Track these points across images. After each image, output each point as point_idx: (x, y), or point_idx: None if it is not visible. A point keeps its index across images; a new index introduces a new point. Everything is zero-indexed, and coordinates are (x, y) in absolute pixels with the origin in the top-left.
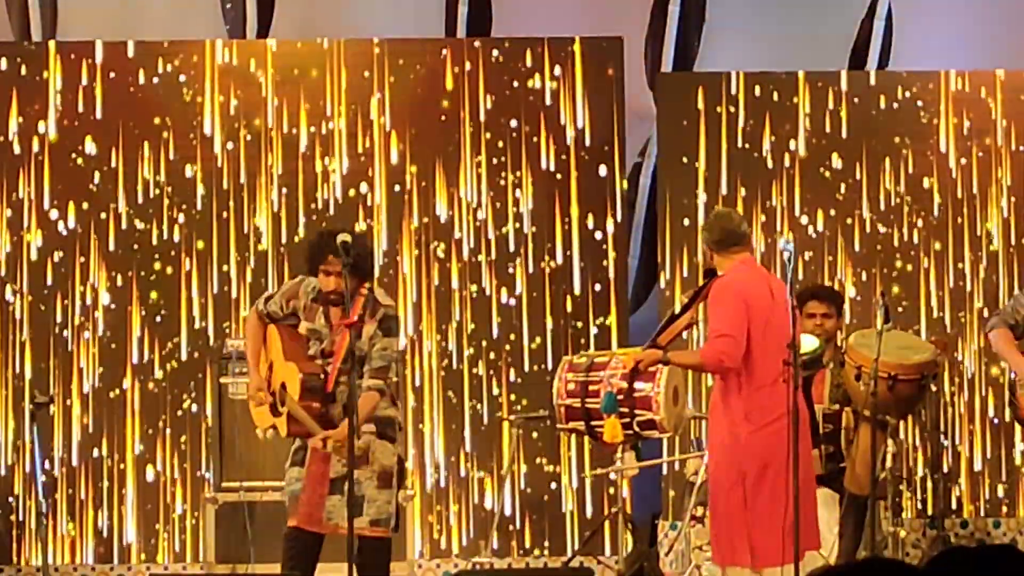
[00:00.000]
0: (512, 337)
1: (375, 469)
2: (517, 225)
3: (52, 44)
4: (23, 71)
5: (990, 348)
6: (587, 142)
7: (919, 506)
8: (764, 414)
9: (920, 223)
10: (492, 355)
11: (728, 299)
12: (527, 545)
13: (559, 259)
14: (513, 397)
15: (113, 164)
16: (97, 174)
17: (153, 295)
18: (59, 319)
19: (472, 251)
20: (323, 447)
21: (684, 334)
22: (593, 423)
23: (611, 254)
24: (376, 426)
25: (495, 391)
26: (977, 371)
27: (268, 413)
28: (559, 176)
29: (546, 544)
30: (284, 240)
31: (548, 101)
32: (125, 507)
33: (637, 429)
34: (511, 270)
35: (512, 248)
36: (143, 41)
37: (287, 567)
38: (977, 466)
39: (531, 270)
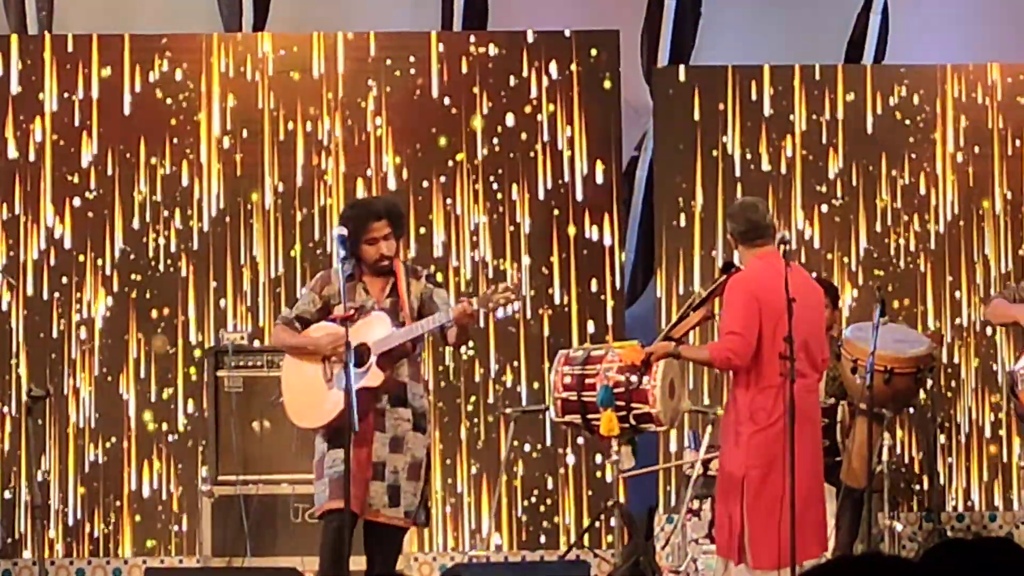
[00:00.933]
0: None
1: (407, 459)
2: (512, 263)
3: (48, 38)
4: (19, 67)
5: (983, 348)
6: (583, 140)
7: (915, 499)
8: (769, 414)
9: (917, 224)
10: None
11: (740, 297)
12: (523, 539)
13: (556, 269)
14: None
15: (109, 165)
16: (93, 176)
17: (150, 296)
18: (55, 322)
19: (470, 269)
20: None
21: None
22: (590, 416)
23: (607, 263)
24: (412, 417)
25: (490, 399)
26: (970, 367)
27: (330, 401)
28: (555, 179)
29: (542, 539)
30: (280, 243)
31: (544, 96)
32: (121, 502)
33: (633, 422)
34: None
35: (508, 260)
36: (139, 35)
37: (331, 550)
38: (974, 460)
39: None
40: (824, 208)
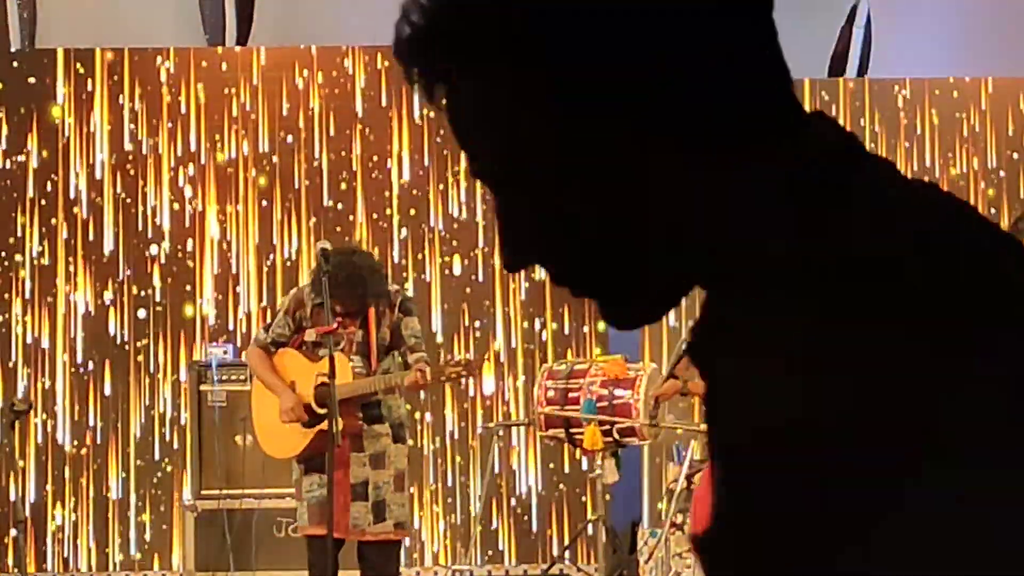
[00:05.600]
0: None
1: (391, 473)
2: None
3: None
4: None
5: None
6: None
7: None
8: None
9: None
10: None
11: None
12: (507, 553)
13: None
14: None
15: (100, 171)
16: (82, 181)
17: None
18: (37, 327)
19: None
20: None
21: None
22: (573, 430)
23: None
24: (391, 429)
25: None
26: None
27: (297, 435)
28: None
29: (525, 553)
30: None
31: None
32: (108, 515)
33: (617, 436)
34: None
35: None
36: (116, 48)
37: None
38: None
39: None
40: None
